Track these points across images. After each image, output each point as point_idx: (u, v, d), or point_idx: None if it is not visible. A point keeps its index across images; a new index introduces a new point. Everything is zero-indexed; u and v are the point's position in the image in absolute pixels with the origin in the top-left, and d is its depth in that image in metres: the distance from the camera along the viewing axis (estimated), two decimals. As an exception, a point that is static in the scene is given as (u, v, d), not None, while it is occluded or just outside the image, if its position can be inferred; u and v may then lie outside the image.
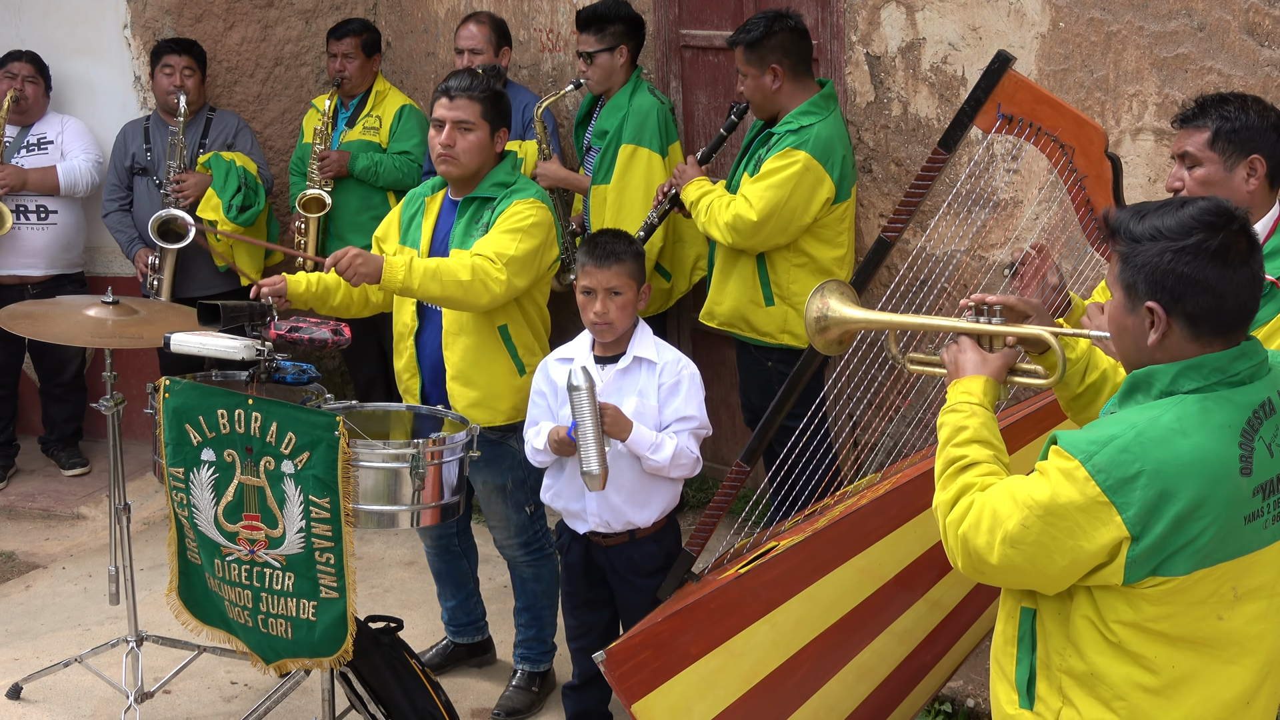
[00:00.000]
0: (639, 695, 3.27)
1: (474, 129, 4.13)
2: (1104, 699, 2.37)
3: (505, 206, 4.15)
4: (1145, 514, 2.25)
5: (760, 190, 4.47)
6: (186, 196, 5.98)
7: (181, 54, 6.11)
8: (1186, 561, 2.27)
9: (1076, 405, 2.69)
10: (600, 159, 5.32)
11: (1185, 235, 2.29)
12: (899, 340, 2.85)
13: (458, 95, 4.12)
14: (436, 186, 4.36)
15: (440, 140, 4.13)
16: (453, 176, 4.20)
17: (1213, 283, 2.28)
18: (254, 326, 3.75)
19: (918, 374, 2.84)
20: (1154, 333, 2.33)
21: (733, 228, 4.51)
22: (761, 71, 4.56)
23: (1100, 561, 2.29)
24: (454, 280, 3.97)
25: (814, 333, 2.92)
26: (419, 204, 4.35)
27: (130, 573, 4.45)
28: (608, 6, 5.39)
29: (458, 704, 4.24)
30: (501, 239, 4.06)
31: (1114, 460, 2.26)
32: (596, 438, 3.60)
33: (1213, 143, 3.11)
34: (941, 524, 2.48)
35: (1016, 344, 2.63)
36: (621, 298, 3.81)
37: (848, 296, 2.90)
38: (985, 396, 2.58)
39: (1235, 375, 2.33)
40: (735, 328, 4.76)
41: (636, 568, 3.88)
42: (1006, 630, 2.52)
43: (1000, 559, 2.35)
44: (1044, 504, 2.30)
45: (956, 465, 2.50)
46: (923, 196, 3.30)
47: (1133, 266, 2.34)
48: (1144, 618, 2.32)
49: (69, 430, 6.62)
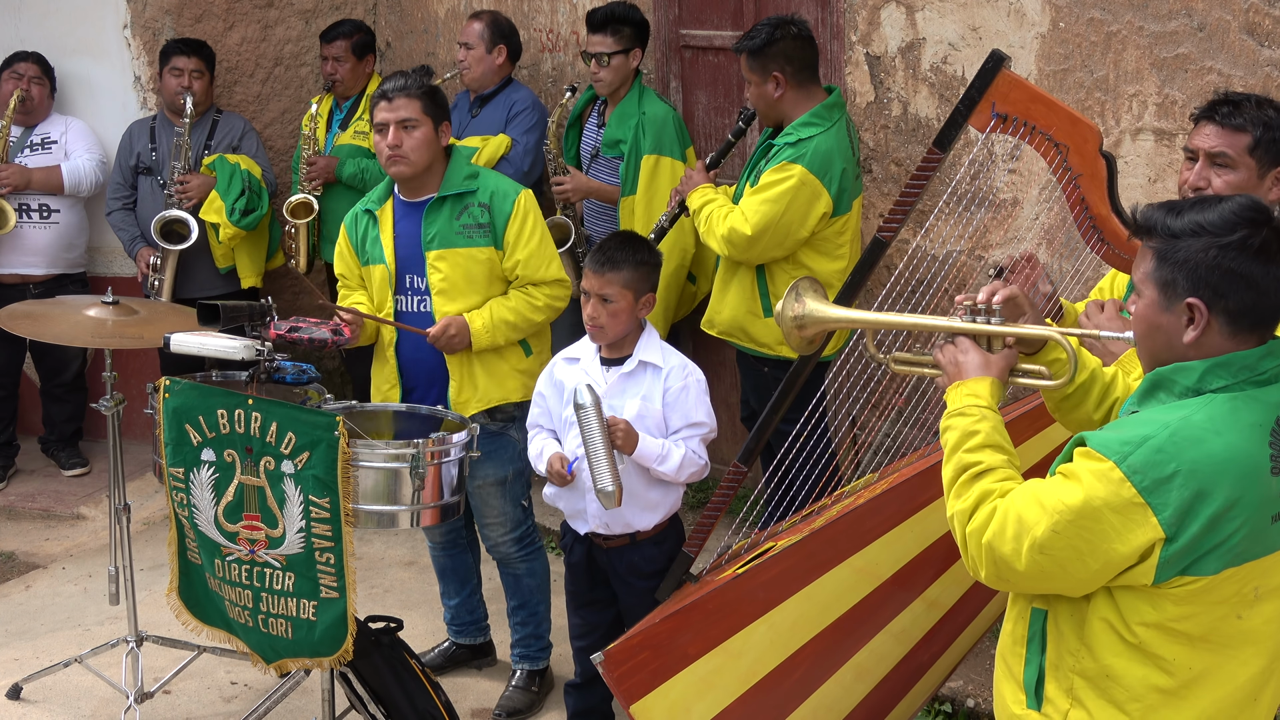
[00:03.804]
0: (637, 696, 3.27)
1: (418, 125, 4.17)
2: (1117, 701, 2.35)
3: (507, 208, 4.22)
4: (1181, 514, 2.23)
5: (755, 204, 4.45)
6: (190, 198, 5.99)
7: (190, 56, 6.11)
8: (1217, 561, 2.26)
9: (1066, 405, 2.65)
10: (624, 171, 5.34)
11: (1229, 231, 2.27)
12: (875, 339, 2.77)
13: (396, 95, 4.17)
14: (381, 197, 4.35)
15: (387, 142, 4.16)
16: (405, 177, 4.23)
17: (1256, 279, 2.26)
18: (254, 326, 3.75)
19: (904, 375, 2.78)
20: (1193, 330, 2.30)
21: (728, 241, 4.51)
22: (764, 79, 4.53)
23: (1131, 563, 2.27)
24: (530, 323, 4.29)
25: (790, 331, 2.87)
26: (366, 221, 4.35)
27: (130, 573, 4.45)
28: (622, 8, 5.38)
29: (458, 704, 4.25)
30: (541, 259, 4.26)
31: (1149, 460, 2.23)
32: (608, 454, 3.59)
33: (1253, 149, 3.02)
34: (960, 534, 2.42)
35: (1015, 344, 2.60)
36: (612, 305, 3.78)
37: (820, 295, 2.86)
38: (993, 399, 2.53)
39: (1262, 374, 2.31)
40: (734, 337, 4.76)
41: (637, 570, 3.88)
42: (1016, 630, 2.49)
43: (1029, 565, 2.31)
44: (1076, 508, 2.26)
45: (971, 471, 2.45)
46: (918, 196, 3.30)
47: (1172, 263, 2.30)
48: (1167, 618, 2.30)
49: (69, 430, 6.63)
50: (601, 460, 3.59)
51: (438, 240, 4.21)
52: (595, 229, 5.63)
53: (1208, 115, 3.10)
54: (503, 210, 4.22)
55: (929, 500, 3.39)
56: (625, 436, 3.67)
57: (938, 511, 3.27)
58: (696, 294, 5.54)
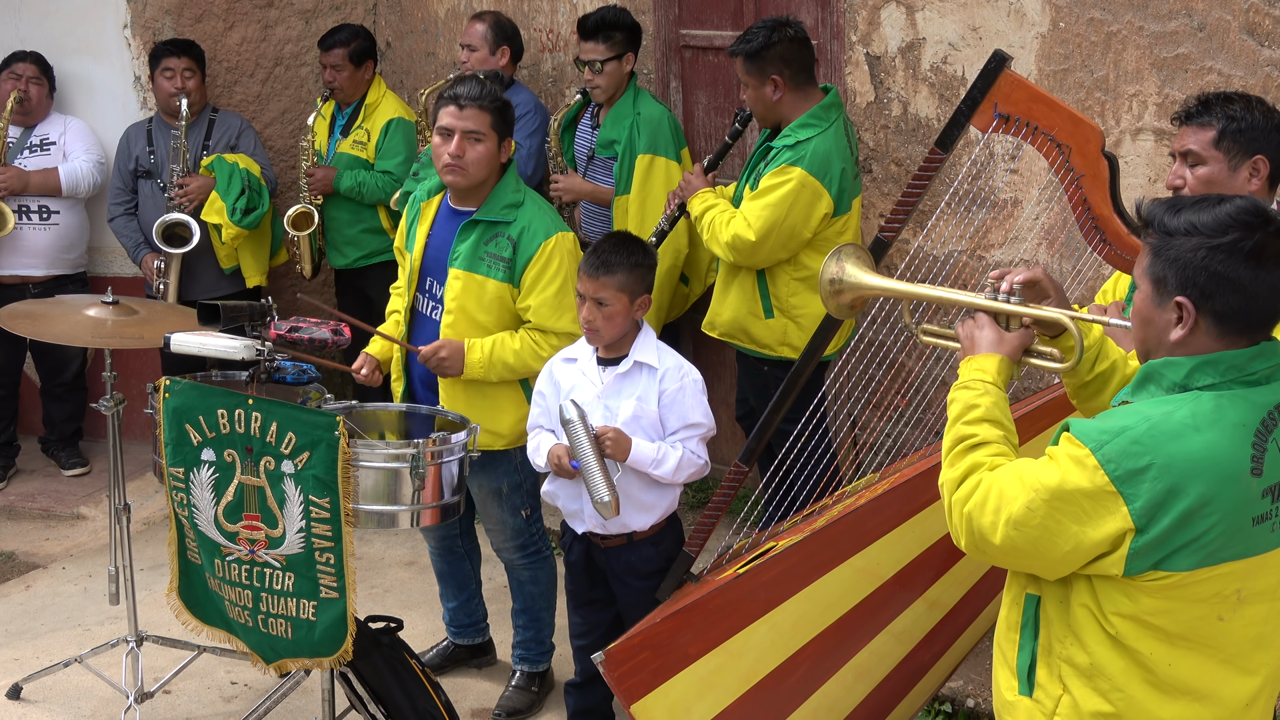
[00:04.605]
0: (638, 696, 3.27)
1: (484, 140, 4.05)
2: (1101, 690, 2.37)
3: (532, 249, 4.07)
4: (1152, 507, 2.25)
5: (758, 209, 4.44)
6: (191, 200, 5.98)
7: (180, 56, 6.10)
8: (1190, 558, 2.27)
9: (1085, 393, 2.68)
10: (618, 170, 5.33)
11: (1221, 233, 2.27)
12: (913, 311, 2.84)
13: (468, 105, 4.02)
14: (433, 190, 4.30)
15: (449, 150, 4.03)
16: (459, 187, 4.13)
17: (1245, 283, 2.27)
18: (254, 326, 3.75)
19: (930, 345, 2.83)
20: (1180, 328, 2.32)
21: (732, 247, 4.50)
22: (762, 82, 4.52)
23: (1102, 551, 2.29)
24: (530, 369, 4.12)
25: (828, 295, 2.91)
26: (416, 209, 4.33)
27: (130, 573, 4.45)
28: (613, 14, 5.38)
29: (458, 704, 4.25)
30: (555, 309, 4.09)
31: (1125, 451, 2.26)
32: (600, 465, 3.60)
33: (1218, 142, 3.10)
34: (947, 501, 2.47)
35: (1033, 325, 2.62)
36: (608, 308, 3.77)
37: (864, 262, 2.90)
38: (999, 375, 2.56)
39: (1252, 374, 2.32)
40: (735, 338, 4.75)
41: (634, 570, 3.88)
42: (1010, 616, 2.52)
43: (1003, 539, 2.35)
44: (1051, 488, 2.30)
45: (966, 443, 2.49)
46: (920, 196, 3.30)
47: (1164, 260, 2.32)
48: (1142, 610, 2.31)
49: (69, 430, 6.63)
50: (595, 472, 3.60)
51: (461, 260, 4.13)
52: (591, 230, 5.62)
53: (1183, 118, 3.19)
54: (528, 250, 4.09)
55: (930, 500, 3.40)
56: (615, 445, 3.66)
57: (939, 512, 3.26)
58: (690, 295, 5.54)
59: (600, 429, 3.66)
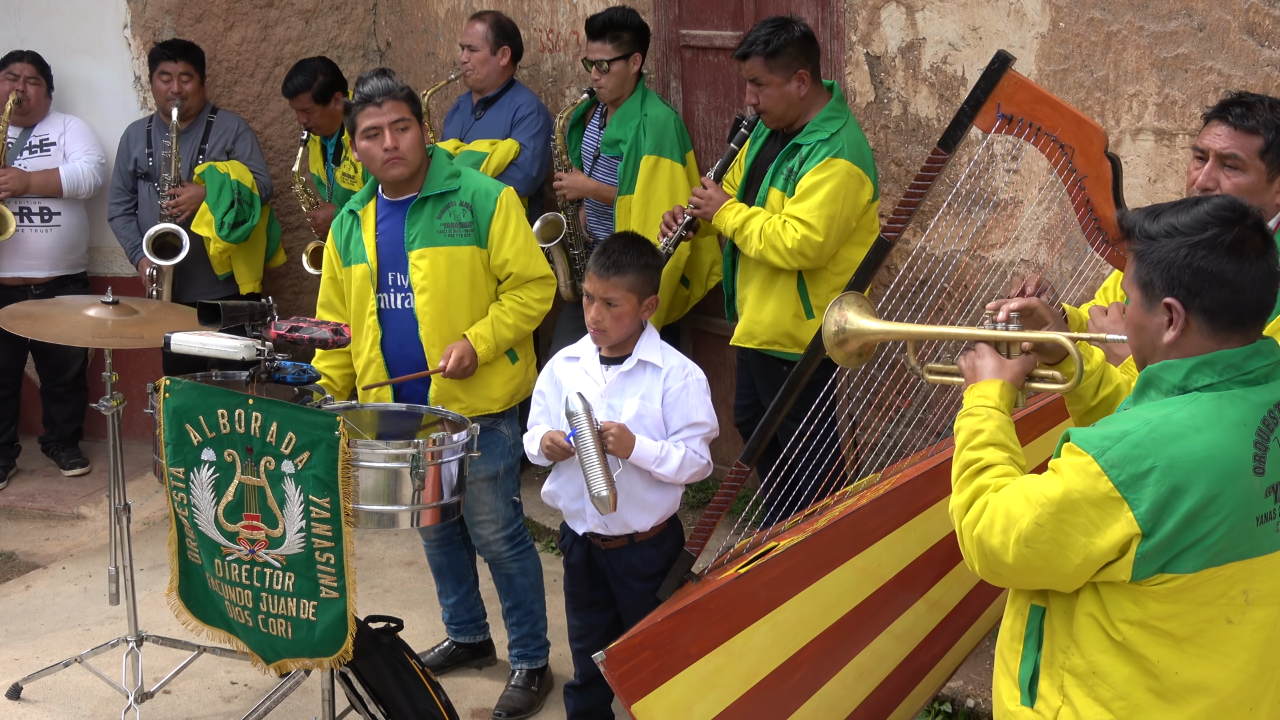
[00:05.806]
0: (639, 695, 3.27)
1: (409, 126, 4.19)
2: (1103, 699, 2.37)
3: (490, 206, 4.23)
4: (1156, 510, 2.25)
5: (815, 208, 4.39)
6: (182, 210, 5.98)
7: (177, 60, 6.10)
8: (1195, 559, 2.27)
9: (1090, 419, 2.69)
10: (623, 170, 5.33)
11: (1200, 230, 2.30)
12: (917, 351, 2.87)
13: (384, 99, 4.15)
14: (364, 198, 4.36)
15: (385, 145, 4.14)
16: (404, 178, 4.22)
17: (1229, 277, 2.29)
18: (254, 326, 3.75)
19: (936, 384, 2.87)
20: (1172, 330, 2.33)
21: (799, 253, 4.42)
22: (787, 79, 4.48)
23: (1110, 559, 2.29)
24: (524, 332, 4.36)
25: (833, 346, 2.93)
26: (350, 222, 4.35)
27: (130, 573, 4.45)
28: (620, 14, 5.37)
29: (458, 704, 4.25)
30: (530, 254, 4.31)
31: (1126, 455, 2.26)
32: (601, 460, 3.60)
33: (1264, 152, 2.99)
34: (958, 527, 2.48)
35: (1033, 349, 2.64)
36: (617, 309, 3.78)
37: (865, 309, 2.91)
38: (1001, 400, 2.58)
39: (1250, 373, 2.33)
40: (779, 344, 4.65)
41: (635, 571, 3.88)
42: (1014, 627, 2.52)
43: (1015, 558, 2.35)
44: (1056, 500, 2.30)
45: (972, 468, 2.50)
46: (922, 197, 3.30)
47: (1149, 264, 2.34)
48: (1150, 615, 2.31)
49: (69, 430, 6.63)
50: (595, 466, 3.59)
51: (419, 239, 4.22)
52: (596, 229, 5.63)
53: (1220, 115, 3.06)
54: (485, 208, 4.23)
55: (932, 501, 3.40)
56: (617, 441, 3.66)
57: (940, 512, 3.28)
58: (690, 298, 5.53)
59: (604, 424, 3.66)
